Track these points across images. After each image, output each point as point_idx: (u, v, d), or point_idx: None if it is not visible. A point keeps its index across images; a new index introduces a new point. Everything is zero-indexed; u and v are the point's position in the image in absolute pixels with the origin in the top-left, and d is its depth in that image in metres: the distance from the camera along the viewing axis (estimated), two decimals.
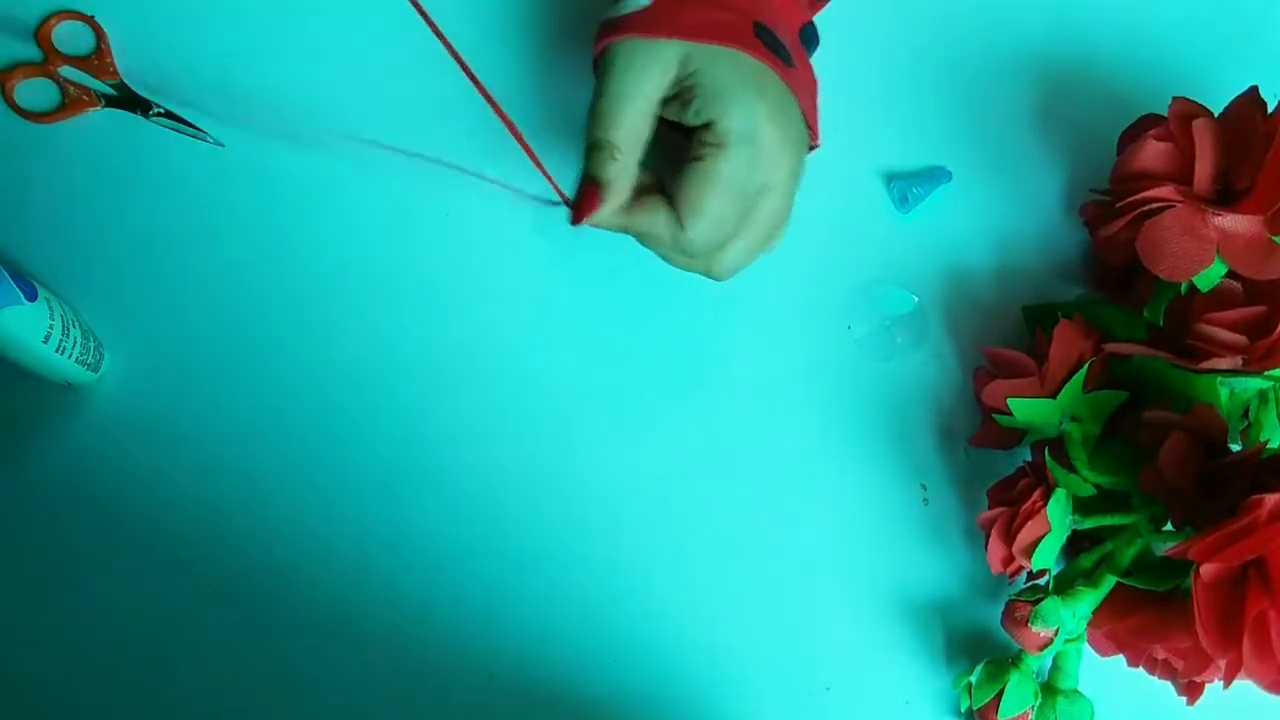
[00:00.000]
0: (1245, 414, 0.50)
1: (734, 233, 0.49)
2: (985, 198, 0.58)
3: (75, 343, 0.52)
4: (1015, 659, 0.52)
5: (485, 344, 0.56)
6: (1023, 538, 0.49)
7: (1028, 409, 0.51)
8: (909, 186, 0.57)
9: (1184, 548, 0.44)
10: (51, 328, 0.50)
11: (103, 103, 0.57)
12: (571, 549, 0.55)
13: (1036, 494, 0.49)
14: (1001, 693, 0.51)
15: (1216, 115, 0.50)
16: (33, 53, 0.57)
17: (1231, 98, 0.50)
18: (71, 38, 0.57)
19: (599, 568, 0.55)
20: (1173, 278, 0.49)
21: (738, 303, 0.53)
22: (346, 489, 0.55)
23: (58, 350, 0.51)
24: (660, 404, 0.56)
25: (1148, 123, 0.53)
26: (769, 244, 0.51)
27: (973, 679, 0.52)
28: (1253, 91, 0.50)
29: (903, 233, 0.58)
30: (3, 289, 0.48)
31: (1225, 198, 0.49)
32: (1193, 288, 0.50)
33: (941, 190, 0.58)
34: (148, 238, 0.56)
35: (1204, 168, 0.49)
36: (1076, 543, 0.52)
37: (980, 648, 0.55)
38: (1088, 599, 0.49)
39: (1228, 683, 0.44)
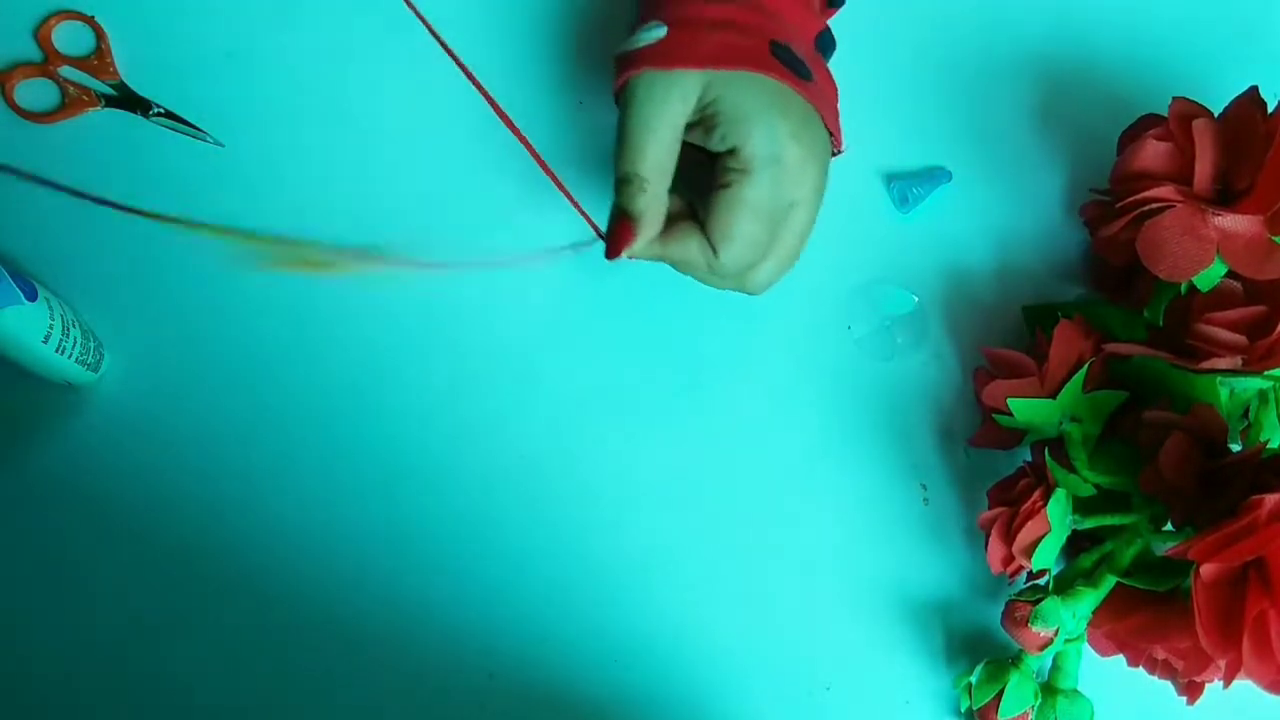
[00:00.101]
0: (1245, 414, 0.50)
1: (766, 251, 0.49)
2: (985, 198, 0.58)
3: (75, 343, 0.52)
4: (1015, 659, 0.52)
5: (484, 344, 0.56)
6: (1023, 538, 0.49)
7: (1028, 409, 0.51)
8: (909, 186, 0.57)
9: (1184, 548, 0.44)
10: (51, 328, 0.50)
11: (103, 103, 0.57)
12: (571, 549, 0.55)
13: (1036, 494, 0.49)
14: (1001, 693, 0.51)
15: (1216, 115, 0.50)
16: (33, 53, 0.57)
17: (1231, 98, 0.50)
18: (71, 38, 0.57)
19: (599, 568, 0.55)
20: (1173, 278, 0.49)
21: (738, 303, 0.53)
22: (346, 489, 0.55)
23: (58, 350, 0.51)
24: (660, 404, 0.56)
25: (1148, 123, 0.53)
26: (800, 254, 0.51)
27: (973, 679, 0.52)
28: (1253, 91, 0.50)
29: (903, 233, 0.58)
30: (3, 289, 0.48)
31: (1225, 198, 0.49)
32: (1193, 288, 0.50)
33: (941, 190, 0.58)
34: (148, 237, 0.56)
35: (1204, 168, 0.49)
36: (1076, 543, 0.52)
37: (980, 648, 0.55)
38: (1088, 599, 0.49)
39: (1228, 683, 0.44)
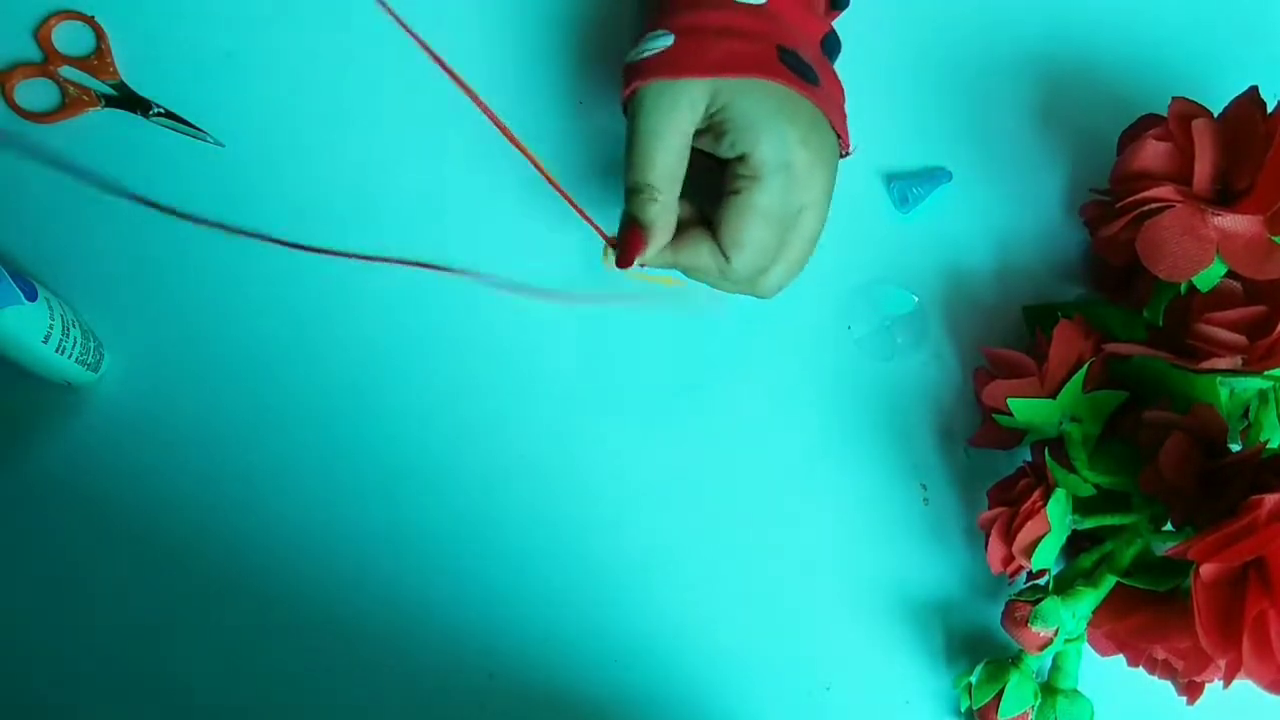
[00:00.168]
0: (1245, 414, 0.50)
1: (776, 255, 0.49)
2: (985, 198, 0.58)
3: (75, 343, 0.52)
4: (1015, 659, 0.52)
5: (484, 344, 0.56)
6: (1023, 538, 0.49)
7: (1028, 409, 0.51)
8: (909, 186, 0.57)
9: (1184, 548, 0.44)
10: (51, 328, 0.50)
11: (103, 103, 0.57)
12: (572, 549, 0.55)
13: (1036, 494, 0.49)
14: (1001, 693, 0.51)
15: (1216, 115, 0.50)
16: (33, 53, 0.57)
17: (1231, 98, 0.50)
18: (71, 38, 0.57)
19: (599, 568, 0.55)
20: (1173, 278, 0.49)
21: (738, 303, 0.53)
22: (346, 489, 0.55)
23: (58, 350, 0.51)
24: (660, 404, 0.56)
25: (1148, 123, 0.53)
26: (810, 258, 0.51)
27: (973, 679, 0.52)
28: (1253, 91, 0.50)
29: (903, 233, 0.58)
30: (3, 289, 0.48)
31: (1225, 198, 0.49)
32: (1193, 288, 0.50)
33: (941, 190, 0.58)
34: (148, 238, 0.56)
35: (1204, 168, 0.49)
36: (1076, 543, 0.52)
37: (980, 648, 0.55)
38: (1088, 599, 0.49)
39: (1228, 683, 0.44)
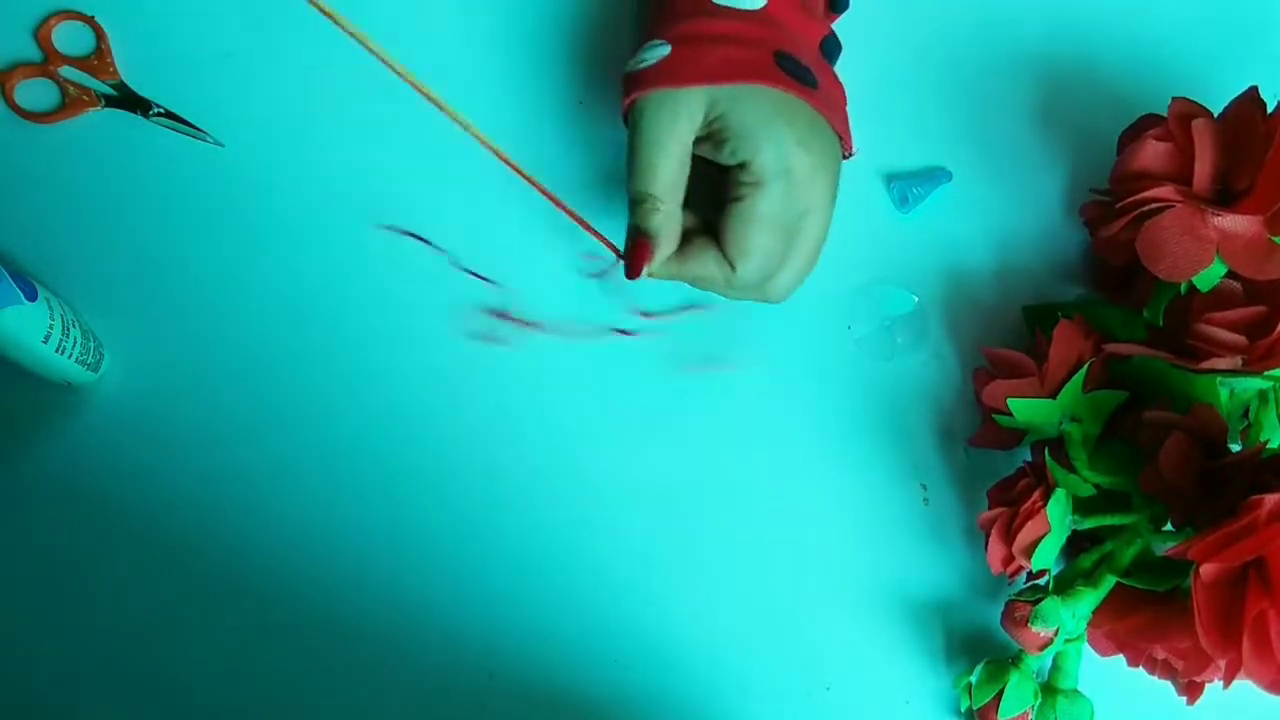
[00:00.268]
0: (1245, 414, 0.50)
1: (782, 260, 0.49)
2: (985, 198, 0.58)
3: (75, 343, 0.52)
4: (1015, 659, 0.52)
5: (484, 345, 0.56)
6: (1023, 538, 0.49)
7: (1028, 409, 0.51)
8: (909, 186, 0.57)
9: (1184, 548, 0.44)
10: (51, 328, 0.50)
11: (103, 103, 0.57)
12: (571, 549, 0.55)
13: (1036, 494, 0.49)
14: (1001, 693, 0.51)
15: (1216, 115, 0.50)
16: (33, 53, 0.57)
17: (1231, 98, 0.50)
18: (71, 38, 0.57)
19: (599, 568, 0.55)
20: (1172, 278, 0.49)
21: (737, 303, 0.53)
22: (347, 489, 0.55)
23: (58, 350, 0.51)
24: (660, 404, 0.56)
25: (1148, 123, 0.53)
26: (817, 260, 0.51)
27: (973, 679, 0.52)
28: (1253, 91, 0.50)
29: (903, 233, 0.58)
30: (3, 289, 0.48)
31: (1225, 198, 0.49)
32: (1193, 288, 0.50)
33: (941, 190, 0.58)
34: (148, 238, 0.56)
35: (1204, 168, 0.49)
36: (1076, 543, 0.52)
37: (980, 648, 0.55)
38: (1088, 599, 0.49)
39: (1227, 683, 0.44)
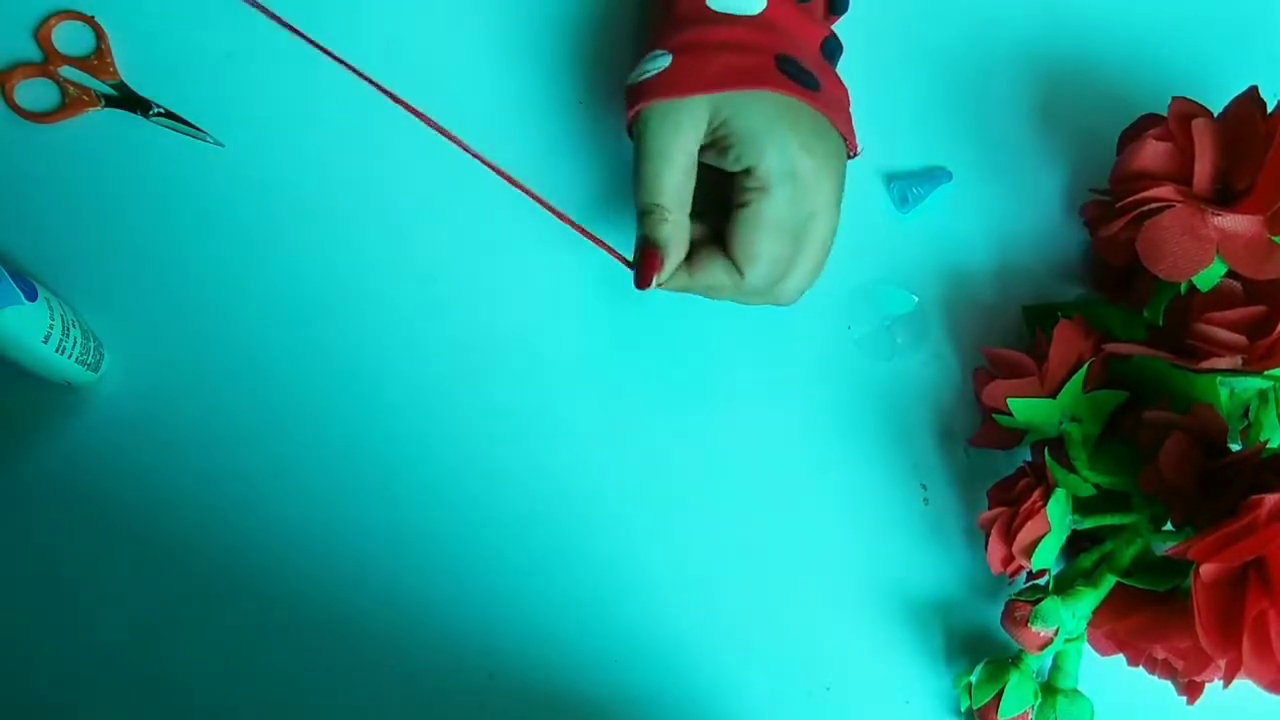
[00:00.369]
0: (1245, 414, 0.50)
1: (791, 264, 0.49)
2: (985, 198, 0.58)
3: (75, 343, 0.52)
4: (1015, 659, 0.52)
5: (485, 345, 0.56)
6: (1023, 538, 0.49)
7: (1028, 409, 0.51)
8: (909, 186, 0.57)
9: (1184, 548, 0.44)
10: (51, 328, 0.50)
11: (103, 103, 0.56)
12: (571, 549, 0.55)
13: (1036, 494, 0.49)
14: (1001, 692, 0.51)
15: (1216, 115, 0.50)
16: (33, 53, 0.57)
17: (1231, 98, 0.50)
18: (71, 38, 0.57)
19: (599, 567, 0.55)
20: (1172, 278, 0.49)
21: (737, 304, 0.53)
22: (347, 489, 0.55)
23: (58, 350, 0.51)
24: (660, 404, 0.56)
25: (1148, 123, 0.53)
26: (825, 261, 0.51)
27: (973, 679, 0.52)
28: (1253, 91, 0.50)
29: (903, 233, 0.58)
30: (3, 289, 0.48)
31: (1225, 198, 0.49)
32: (1193, 288, 0.50)
33: (941, 190, 0.58)
34: (148, 238, 0.56)
35: (1204, 168, 0.49)
36: (1076, 543, 0.52)
37: (980, 648, 0.55)
38: (1088, 599, 0.49)
39: (1227, 683, 0.44)
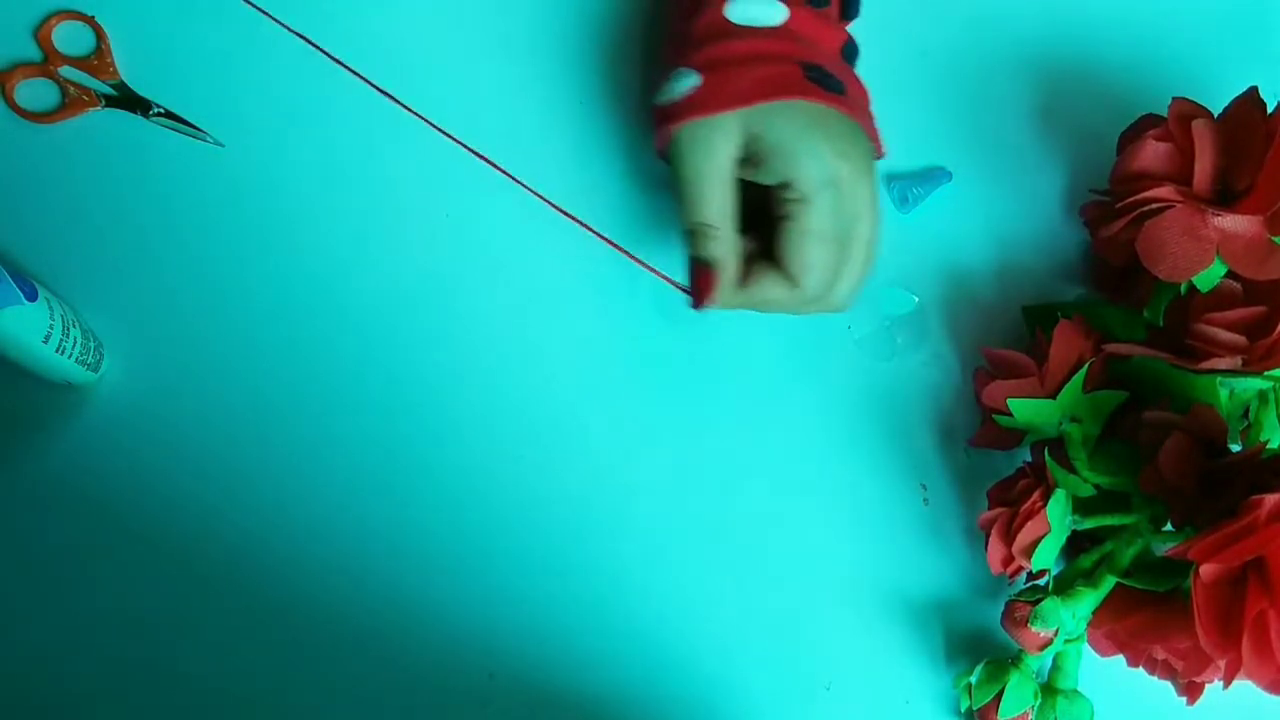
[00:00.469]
0: (1245, 414, 0.50)
1: (840, 268, 0.49)
2: (985, 198, 0.58)
3: (75, 343, 0.52)
4: (1015, 659, 0.52)
5: (487, 345, 0.56)
6: (1023, 538, 0.49)
7: (1028, 409, 0.51)
8: (909, 186, 0.57)
9: (1184, 548, 0.44)
10: (51, 328, 0.50)
11: (103, 103, 0.57)
12: (572, 548, 0.55)
13: (1036, 494, 0.49)
14: (1001, 693, 0.51)
15: (1216, 115, 0.50)
16: (33, 53, 0.57)
17: (1231, 98, 0.50)
18: (71, 38, 0.57)
19: (599, 568, 0.55)
20: (1173, 278, 0.49)
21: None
22: (347, 489, 0.55)
23: (58, 350, 0.51)
24: (661, 404, 0.56)
25: (1148, 123, 0.53)
26: (873, 260, 0.51)
27: (973, 679, 0.52)
28: (1253, 91, 0.50)
29: (903, 233, 0.58)
30: (3, 289, 0.48)
31: (1225, 198, 0.49)
32: (1193, 288, 0.50)
33: (941, 190, 0.58)
34: (148, 238, 0.56)
35: (1204, 168, 0.49)
36: (1076, 543, 0.52)
37: (980, 648, 0.55)
38: (1088, 599, 0.49)
39: (1227, 683, 0.44)
